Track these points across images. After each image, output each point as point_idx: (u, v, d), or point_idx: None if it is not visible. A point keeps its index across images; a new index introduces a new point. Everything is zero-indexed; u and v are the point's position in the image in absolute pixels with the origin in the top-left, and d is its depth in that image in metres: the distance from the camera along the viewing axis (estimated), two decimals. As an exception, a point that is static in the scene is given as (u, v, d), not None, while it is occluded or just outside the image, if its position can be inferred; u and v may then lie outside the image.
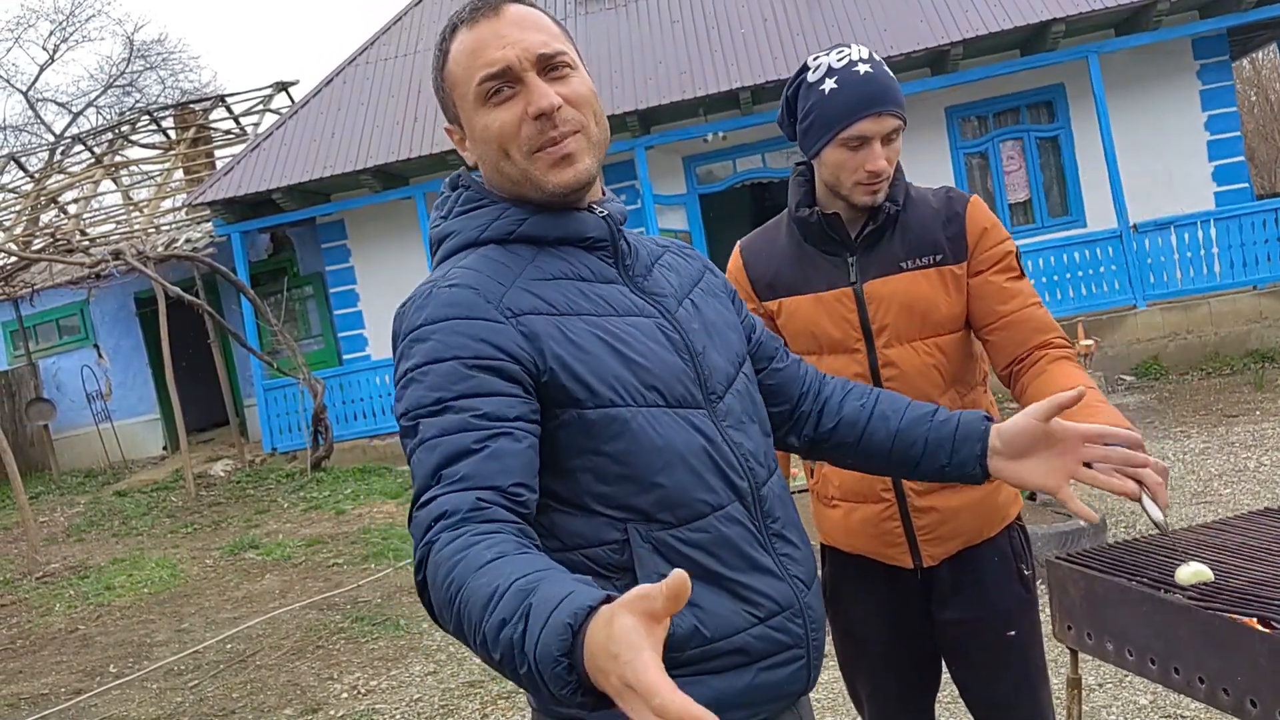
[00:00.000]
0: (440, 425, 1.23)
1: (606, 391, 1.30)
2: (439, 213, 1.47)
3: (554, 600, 0.99)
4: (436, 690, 4.91)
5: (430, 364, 1.26)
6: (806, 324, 2.11)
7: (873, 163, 1.96)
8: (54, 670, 6.30)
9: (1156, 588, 1.58)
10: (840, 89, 1.95)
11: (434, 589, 1.13)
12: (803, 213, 2.09)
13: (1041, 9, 11.20)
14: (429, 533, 1.16)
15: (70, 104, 30.32)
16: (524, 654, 0.99)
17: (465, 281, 1.32)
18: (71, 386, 15.94)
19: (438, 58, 1.40)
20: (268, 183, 12.62)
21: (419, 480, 1.22)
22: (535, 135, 1.33)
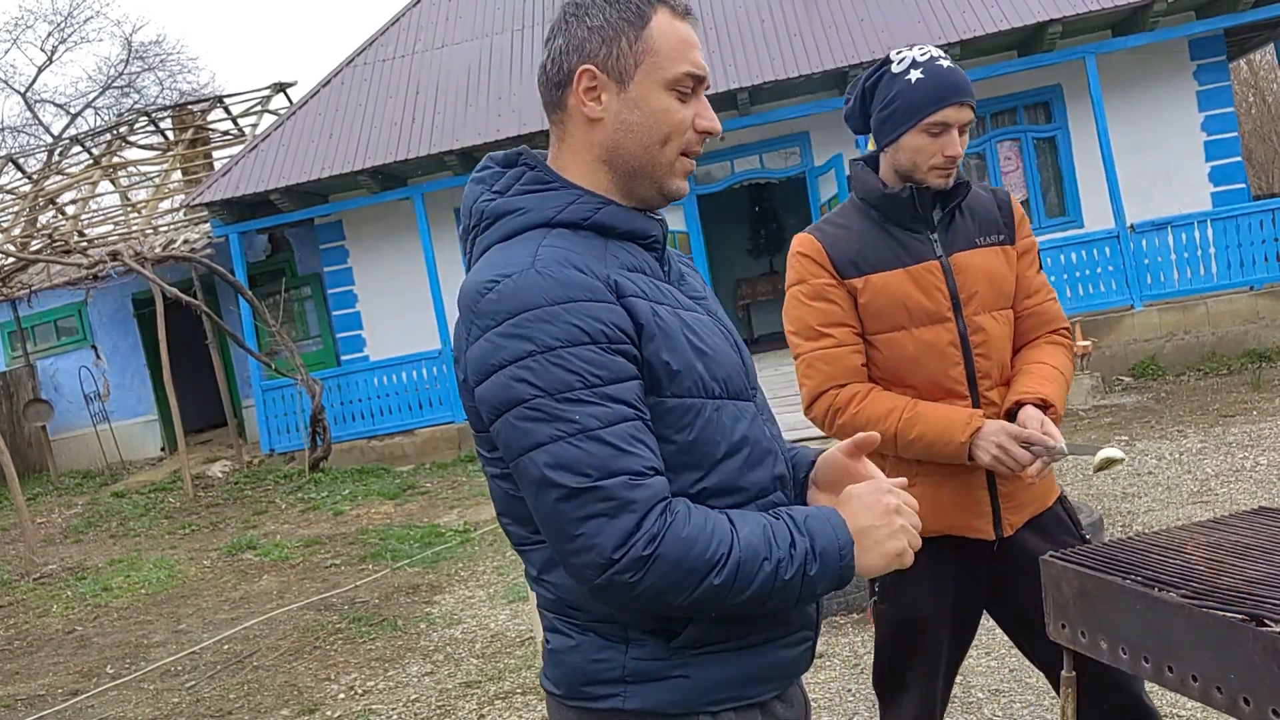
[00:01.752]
0: (599, 415, 1.26)
1: (686, 381, 1.36)
2: (487, 187, 1.46)
3: (820, 512, 1.36)
4: (434, 691, 4.91)
5: (567, 346, 1.27)
6: (898, 296, 2.23)
7: (951, 148, 2.15)
8: (51, 671, 6.30)
9: (1150, 586, 1.58)
10: (926, 79, 2.14)
11: (686, 558, 1.25)
12: (893, 190, 2.23)
13: (1039, 10, 11.20)
14: (654, 514, 1.25)
15: (68, 105, 30.35)
16: (817, 555, 1.31)
17: (568, 260, 1.32)
18: (69, 387, 15.93)
19: (634, 14, 1.39)
20: (266, 183, 12.61)
21: (593, 466, 1.25)
22: (693, 143, 1.42)
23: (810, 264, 2.29)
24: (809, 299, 2.29)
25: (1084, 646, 1.69)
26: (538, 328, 1.27)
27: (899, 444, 2.19)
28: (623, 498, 1.24)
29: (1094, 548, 1.82)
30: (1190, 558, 1.71)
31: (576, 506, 1.25)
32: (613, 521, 1.24)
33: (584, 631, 1.39)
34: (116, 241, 14.32)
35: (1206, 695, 1.46)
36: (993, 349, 2.24)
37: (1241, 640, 1.40)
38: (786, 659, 1.45)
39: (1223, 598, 1.50)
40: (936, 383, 2.23)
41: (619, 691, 1.37)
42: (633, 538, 1.24)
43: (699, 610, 1.31)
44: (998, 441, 2.07)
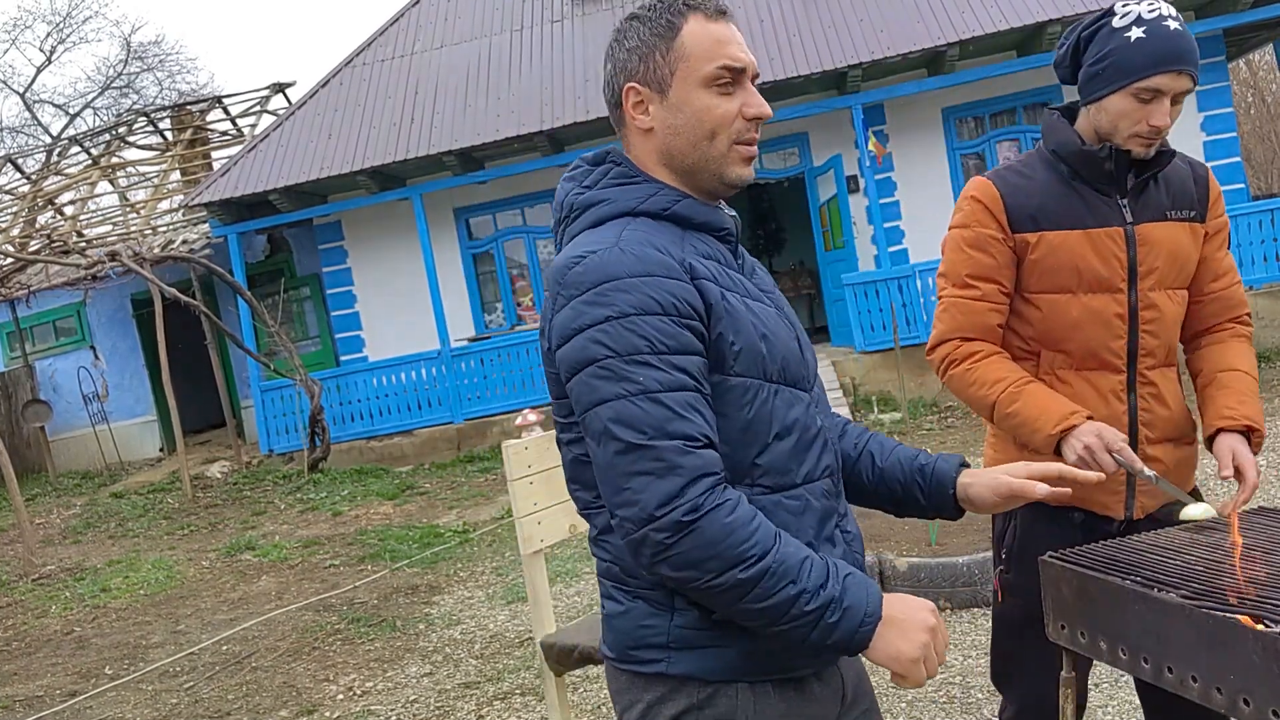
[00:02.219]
0: (661, 379, 1.37)
1: (748, 362, 1.46)
2: (579, 183, 1.57)
3: (864, 579, 1.42)
4: (433, 691, 4.91)
5: (641, 315, 1.38)
6: (1072, 258, 2.13)
7: (1159, 118, 2.02)
8: (49, 672, 6.29)
9: (1150, 587, 1.57)
10: (1147, 40, 1.99)
11: (722, 541, 1.34)
12: (1091, 148, 2.11)
13: (1038, 10, 11.21)
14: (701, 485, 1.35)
15: (67, 105, 30.33)
16: (843, 608, 1.37)
17: (650, 242, 1.44)
18: (68, 388, 15.93)
19: (666, 26, 1.51)
20: (265, 184, 12.61)
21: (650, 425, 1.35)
22: (744, 131, 1.51)
23: (981, 210, 2.20)
24: (968, 246, 2.22)
25: (1084, 647, 1.69)
26: (617, 296, 1.38)
27: (996, 414, 2.15)
28: (671, 461, 1.34)
29: (1093, 548, 1.81)
30: (1190, 558, 1.71)
31: (629, 461, 1.35)
32: (659, 481, 1.34)
33: (634, 598, 1.50)
34: (115, 242, 14.31)
35: (1206, 695, 1.46)
36: (1162, 327, 2.16)
37: (1241, 640, 1.39)
38: None
39: (1223, 598, 1.49)
40: (1093, 353, 2.17)
41: (664, 657, 1.47)
42: (675, 501, 1.33)
43: (717, 601, 1.38)
44: (1087, 443, 1.99)
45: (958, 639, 4.41)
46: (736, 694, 1.47)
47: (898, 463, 1.70)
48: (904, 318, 11.28)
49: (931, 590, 4.75)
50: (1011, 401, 2.11)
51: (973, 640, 4.36)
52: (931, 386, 11.32)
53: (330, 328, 14.53)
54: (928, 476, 1.67)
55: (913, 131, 12.63)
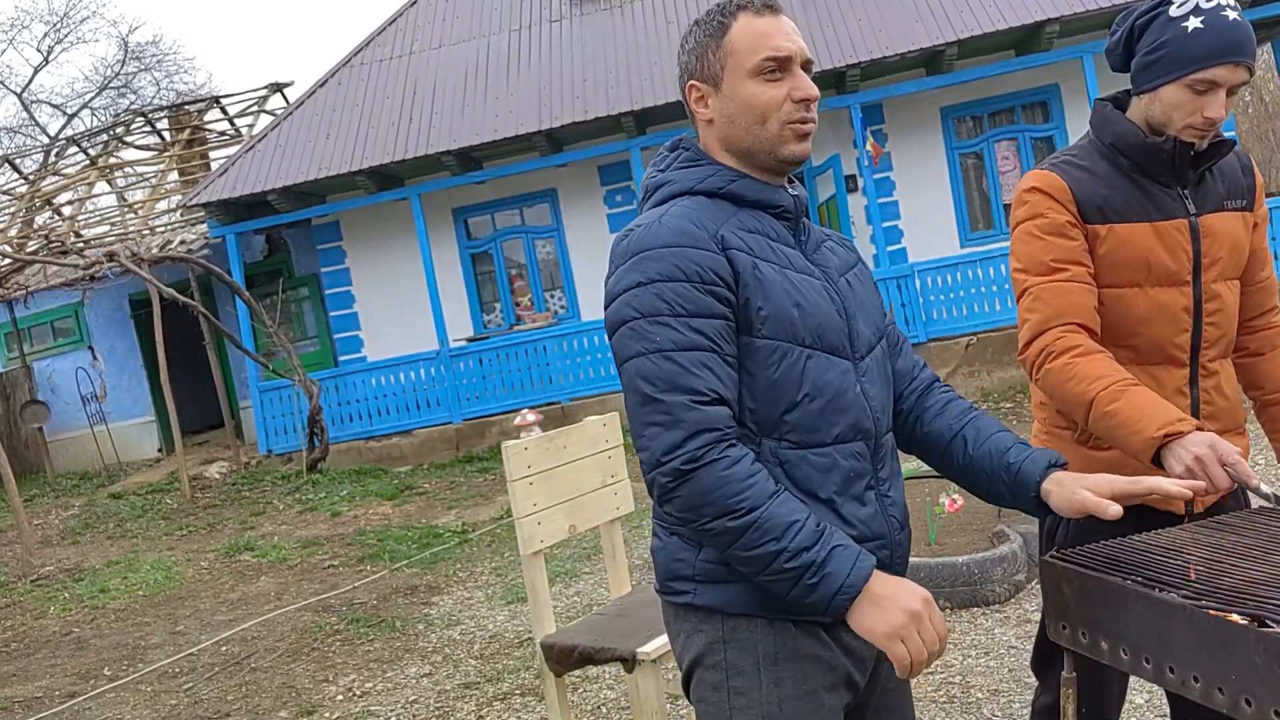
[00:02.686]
0: (675, 339, 1.53)
1: (776, 325, 1.59)
2: (656, 167, 1.75)
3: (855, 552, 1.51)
4: (432, 692, 4.90)
5: (665, 281, 1.54)
6: (1142, 252, 2.09)
7: (1214, 110, 1.98)
8: (48, 673, 6.28)
9: (1151, 586, 1.57)
10: (1205, 30, 1.95)
11: (714, 492, 1.49)
12: (1155, 140, 2.07)
13: (1036, 9, 11.21)
14: (700, 440, 1.49)
15: (65, 106, 30.33)
16: (823, 575, 1.47)
17: (688, 216, 1.60)
18: (66, 389, 15.91)
19: (716, 26, 1.67)
20: (263, 184, 12.60)
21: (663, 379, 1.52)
22: (793, 112, 1.64)
23: (1050, 201, 2.13)
24: (1046, 233, 2.13)
25: (1084, 647, 1.69)
26: (647, 264, 1.56)
27: (1092, 414, 2.00)
28: (676, 415, 1.50)
29: (1094, 548, 1.81)
30: (1191, 558, 1.70)
31: (645, 412, 1.53)
32: (665, 432, 1.50)
33: (670, 534, 1.67)
34: (113, 242, 14.31)
35: (1208, 696, 1.46)
36: (1225, 318, 2.13)
37: (1243, 641, 1.39)
38: None
39: (1224, 598, 1.49)
40: (1159, 347, 2.12)
41: (691, 589, 1.63)
42: (676, 451, 1.49)
43: (710, 543, 1.54)
44: (1198, 454, 1.84)
45: (957, 639, 4.41)
46: (756, 629, 1.60)
47: (988, 454, 1.75)
48: (903, 318, 11.28)
49: (931, 590, 4.75)
50: (1113, 400, 1.97)
51: (972, 640, 4.36)
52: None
53: (329, 328, 14.53)
54: (1012, 475, 1.72)
55: (911, 131, 12.64)
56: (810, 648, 1.61)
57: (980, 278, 11.35)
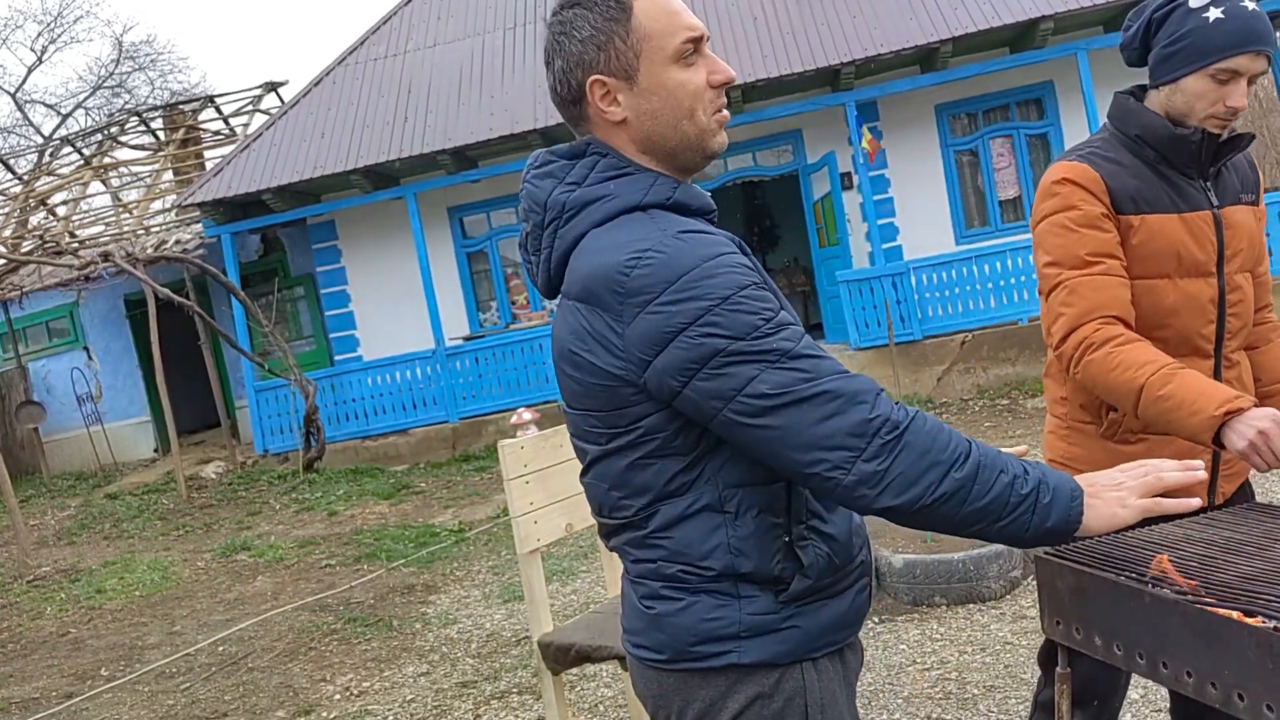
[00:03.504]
0: (791, 336, 1.35)
1: None
2: (560, 181, 1.49)
3: (1043, 465, 1.41)
4: (430, 691, 4.91)
5: (737, 292, 1.34)
6: (1172, 243, 2.11)
7: (1236, 99, 2.00)
8: (45, 674, 6.28)
9: (1145, 583, 1.58)
10: (1226, 19, 1.98)
11: (930, 449, 1.32)
12: (1183, 131, 2.08)
13: (1030, 6, 11.22)
14: (882, 405, 1.34)
15: (59, 105, 30.26)
16: (1051, 488, 1.36)
17: (694, 228, 1.41)
18: (61, 389, 15.89)
19: (614, 8, 1.43)
20: (258, 183, 12.59)
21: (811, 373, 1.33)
22: (715, 100, 1.47)
23: (1083, 192, 2.11)
24: (1079, 226, 2.11)
25: (1079, 643, 1.70)
26: (704, 285, 1.33)
27: (1143, 399, 1.97)
28: (845, 391, 1.33)
29: (1088, 544, 1.82)
30: (1183, 554, 1.71)
31: (808, 414, 1.32)
32: (844, 417, 1.32)
33: (695, 593, 1.45)
34: (108, 242, 14.28)
35: (1201, 690, 1.46)
36: (1245, 309, 2.17)
37: (1236, 636, 1.40)
38: (860, 604, 1.55)
39: (1216, 594, 1.50)
40: (1186, 338, 2.14)
41: (734, 648, 1.44)
42: (870, 426, 1.32)
43: (946, 512, 1.34)
44: (1262, 427, 1.82)
45: (952, 635, 4.42)
46: (802, 673, 1.47)
47: None
48: (898, 315, 11.29)
49: (927, 587, 4.76)
50: (1164, 383, 1.94)
51: (968, 636, 4.38)
52: (926, 383, 11.34)
53: (324, 327, 14.52)
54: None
55: (906, 128, 12.65)
56: (840, 685, 1.53)
57: (975, 275, 11.36)
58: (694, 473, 1.42)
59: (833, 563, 1.47)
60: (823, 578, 1.46)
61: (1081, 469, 2.25)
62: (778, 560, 1.43)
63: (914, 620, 4.66)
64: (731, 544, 1.42)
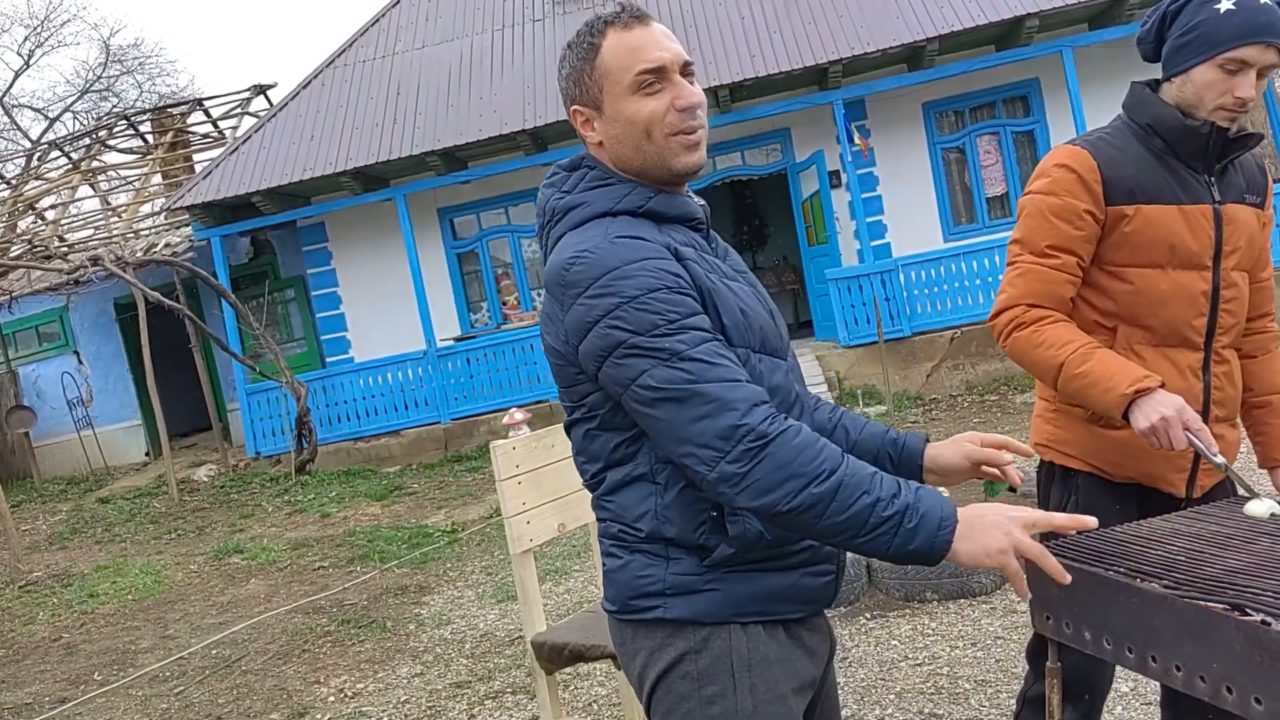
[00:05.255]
0: (687, 340, 1.48)
1: (735, 334, 1.57)
2: (558, 189, 1.68)
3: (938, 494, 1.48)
4: (424, 692, 4.91)
5: (646, 294, 1.48)
6: (1166, 234, 2.14)
7: (1244, 90, 2.03)
8: (38, 679, 6.27)
9: (1133, 577, 1.60)
10: (1237, 11, 2.01)
11: (792, 462, 1.43)
12: (1195, 123, 2.10)
13: (1016, 4, 11.26)
14: (757, 414, 1.45)
15: (46, 109, 30.17)
16: (919, 513, 1.42)
17: (639, 234, 1.56)
18: (52, 393, 15.84)
19: (587, 49, 1.62)
20: (247, 186, 12.56)
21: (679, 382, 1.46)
22: (677, 122, 1.59)
23: (1074, 182, 2.16)
24: (1054, 215, 2.18)
25: (1069, 637, 1.71)
26: (621, 284, 1.49)
27: (1062, 375, 2.10)
28: (722, 398, 1.45)
29: (1076, 539, 1.84)
30: (1171, 548, 1.73)
31: (683, 412, 1.46)
32: (716, 420, 1.44)
33: (631, 552, 1.63)
34: (97, 246, 14.24)
35: (1190, 684, 1.48)
36: (1240, 306, 2.19)
37: (1224, 629, 1.41)
38: (811, 586, 1.64)
39: (1204, 587, 1.52)
40: (1175, 329, 2.17)
41: (661, 603, 1.60)
42: (738, 430, 1.44)
43: (800, 521, 1.45)
44: (1164, 414, 1.94)
45: (944, 630, 4.44)
46: (730, 635, 1.59)
47: (871, 436, 1.81)
48: (887, 312, 11.32)
49: (919, 582, 4.78)
50: (1083, 361, 2.07)
51: (959, 631, 4.40)
52: (915, 379, 11.37)
53: (315, 329, 14.50)
54: (899, 448, 1.78)
55: (893, 126, 12.68)
56: (779, 652, 1.62)
57: (964, 271, 11.40)
58: (636, 445, 1.60)
59: (764, 538, 1.57)
60: (750, 550, 1.57)
61: (1069, 452, 2.30)
62: (701, 530, 1.57)
63: (906, 615, 4.68)
64: (659, 511, 1.58)
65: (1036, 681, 2.41)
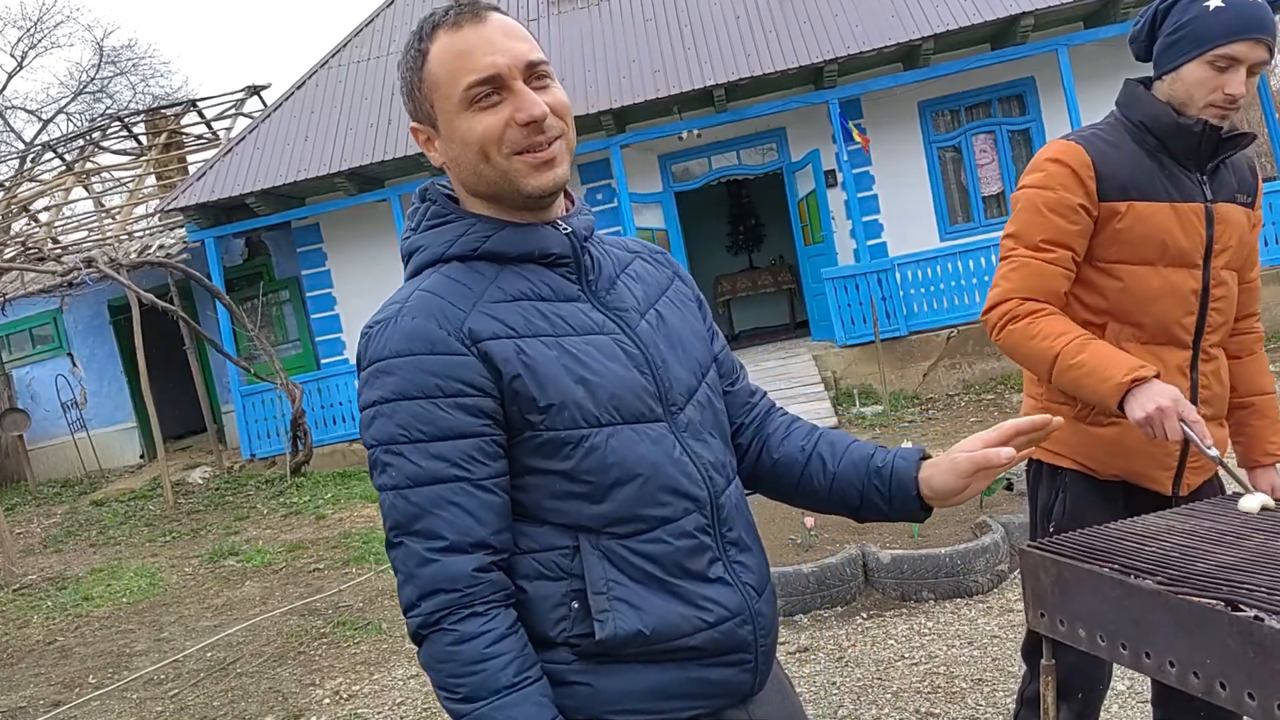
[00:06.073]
0: (414, 473, 1.28)
1: (560, 413, 1.32)
2: (410, 224, 1.47)
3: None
4: (419, 693, 4.90)
5: (398, 400, 1.29)
6: (1158, 231, 2.13)
7: (1234, 86, 2.03)
8: (32, 682, 6.25)
9: (1126, 574, 1.59)
10: (1226, 8, 2.02)
11: (438, 665, 1.27)
12: (1187, 120, 2.10)
13: (1011, 3, 11.27)
14: (431, 602, 1.27)
15: (40, 111, 30.11)
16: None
17: (426, 310, 1.33)
18: (46, 396, 15.82)
19: (415, 57, 1.37)
20: (241, 187, 12.55)
21: (398, 523, 1.29)
22: (520, 140, 1.33)
23: (1068, 175, 2.16)
24: (1049, 209, 2.17)
25: (1063, 635, 1.71)
26: (380, 380, 1.31)
27: (1057, 366, 2.09)
28: (410, 569, 1.29)
29: (1070, 536, 1.83)
30: (1164, 544, 1.73)
31: (393, 557, 1.32)
32: (405, 586, 1.30)
33: None
34: (91, 248, 14.22)
35: (1184, 680, 1.47)
36: (1229, 305, 2.20)
37: (1217, 625, 1.41)
38: (715, 679, 1.39)
39: (1197, 584, 1.51)
40: (1165, 327, 2.18)
41: None
42: (413, 610, 1.28)
43: None
44: (1160, 404, 1.92)
45: (941, 629, 4.44)
46: None
47: (852, 465, 1.54)
48: (884, 311, 11.32)
49: (915, 582, 4.78)
50: (1079, 351, 2.06)
51: (956, 630, 4.39)
52: (912, 379, 11.37)
53: (310, 331, 14.48)
54: (886, 478, 1.50)
55: (889, 125, 12.68)
56: None
57: (960, 270, 11.40)
58: None
59: (641, 634, 1.33)
60: (627, 646, 1.34)
61: (1057, 450, 2.31)
62: (561, 628, 1.34)
63: (902, 615, 4.67)
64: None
65: (1033, 680, 2.41)
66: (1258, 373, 2.31)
